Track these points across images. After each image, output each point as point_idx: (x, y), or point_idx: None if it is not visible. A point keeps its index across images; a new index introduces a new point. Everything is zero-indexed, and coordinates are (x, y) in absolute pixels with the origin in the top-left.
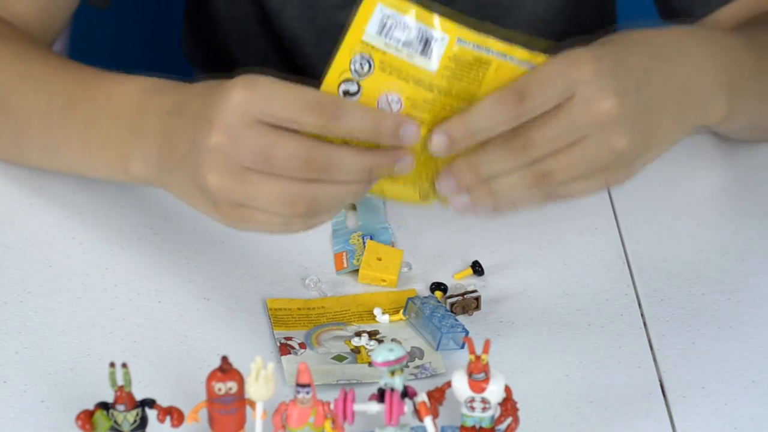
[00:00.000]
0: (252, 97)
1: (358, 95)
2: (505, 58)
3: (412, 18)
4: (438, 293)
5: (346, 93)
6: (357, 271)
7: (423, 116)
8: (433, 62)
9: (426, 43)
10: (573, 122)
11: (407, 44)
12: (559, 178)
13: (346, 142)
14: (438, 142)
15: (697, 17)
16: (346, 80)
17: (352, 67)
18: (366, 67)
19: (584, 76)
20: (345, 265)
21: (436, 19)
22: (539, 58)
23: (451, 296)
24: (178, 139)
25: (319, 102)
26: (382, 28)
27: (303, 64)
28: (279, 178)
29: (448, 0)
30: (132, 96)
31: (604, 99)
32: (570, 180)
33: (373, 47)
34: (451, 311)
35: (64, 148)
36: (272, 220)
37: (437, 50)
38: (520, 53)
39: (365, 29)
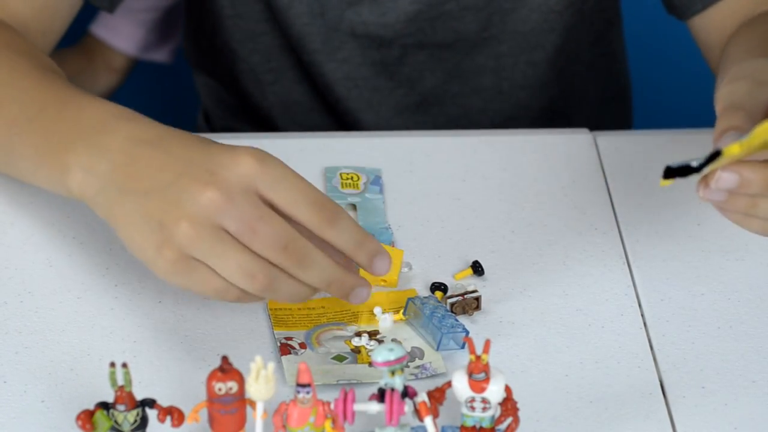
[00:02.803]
0: (262, 172)
1: None
2: None
3: None
4: (438, 293)
5: None
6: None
7: None
8: None
9: None
10: None
11: None
12: None
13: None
14: (729, 179)
15: (696, 11)
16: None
17: None
18: None
19: None
20: None
21: None
22: None
23: (451, 296)
24: (146, 170)
25: (322, 204)
26: None
27: (309, 61)
28: (250, 250)
29: None
30: (103, 116)
31: None
32: None
33: None
34: (451, 311)
35: (17, 153)
36: (222, 286)
37: None
38: None
39: None
